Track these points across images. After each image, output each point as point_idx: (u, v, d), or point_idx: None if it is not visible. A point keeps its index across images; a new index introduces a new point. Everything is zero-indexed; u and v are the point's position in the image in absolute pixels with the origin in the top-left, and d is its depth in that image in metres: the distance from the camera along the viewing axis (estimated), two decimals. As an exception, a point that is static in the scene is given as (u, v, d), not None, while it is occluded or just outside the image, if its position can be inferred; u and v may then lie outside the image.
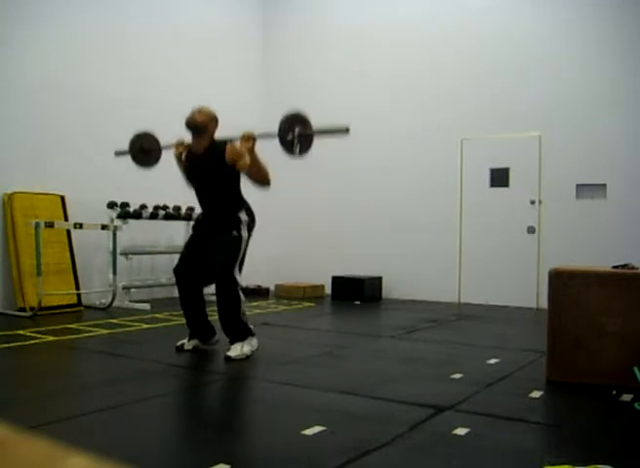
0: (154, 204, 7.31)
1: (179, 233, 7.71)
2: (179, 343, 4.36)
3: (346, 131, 4.15)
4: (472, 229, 7.79)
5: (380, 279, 8.18)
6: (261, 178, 4.18)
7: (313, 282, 8.47)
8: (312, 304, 7.47)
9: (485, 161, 7.71)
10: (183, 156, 4.34)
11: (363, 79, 8.58)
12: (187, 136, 4.30)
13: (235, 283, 4.07)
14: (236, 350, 4.07)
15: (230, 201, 4.22)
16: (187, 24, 8.22)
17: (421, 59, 8.17)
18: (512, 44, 7.56)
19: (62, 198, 6.66)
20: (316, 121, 4.21)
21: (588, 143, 7.10)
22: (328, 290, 8.34)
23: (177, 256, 7.72)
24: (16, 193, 6.24)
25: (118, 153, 5.06)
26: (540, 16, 7.43)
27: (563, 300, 3.55)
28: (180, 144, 4.37)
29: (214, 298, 4.17)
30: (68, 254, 6.57)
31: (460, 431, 2.60)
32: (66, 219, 6.54)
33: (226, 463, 2.20)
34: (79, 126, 6.89)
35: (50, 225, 6.08)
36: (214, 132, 4.23)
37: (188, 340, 4.37)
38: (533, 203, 7.40)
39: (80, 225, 6.38)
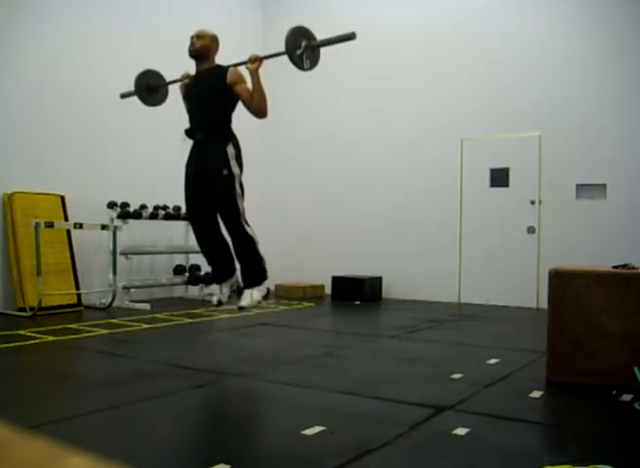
0: (154, 204, 7.31)
1: (179, 233, 7.71)
2: (214, 300, 4.27)
3: (353, 37, 4.13)
4: (472, 229, 7.78)
5: (380, 279, 8.18)
6: (260, 105, 4.09)
7: (313, 282, 8.47)
8: (312, 304, 7.47)
9: (485, 161, 7.71)
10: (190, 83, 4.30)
11: (363, 79, 8.58)
12: (191, 70, 4.26)
13: (243, 227, 4.07)
14: (247, 299, 4.09)
15: (220, 126, 4.13)
16: (188, 24, 8.20)
17: (422, 60, 8.17)
18: (512, 44, 7.56)
19: (62, 198, 6.66)
20: (314, 119, 4.21)
21: (588, 143, 7.10)
22: (328, 290, 8.34)
23: (177, 256, 7.78)
24: (16, 193, 6.24)
25: (124, 95, 4.92)
26: (540, 16, 7.43)
27: (563, 300, 3.55)
28: (186, 77, 4.33)
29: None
30: (68, 254, 6.57)
31: (460, 431, 2.60)
32: (66, 219, 6.54)
33: (226, 463, 2.20)
34: (79, 126, 6.89)
35: (50, 225, 6.08)
36: (216, 52, 4.25)
37: (220, 291, 4.30)
38: (533, 203, 7.40)
39: (80, 225, 6.37)
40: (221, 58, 4.34)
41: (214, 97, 4.11)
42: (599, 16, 7.10)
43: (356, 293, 7.82)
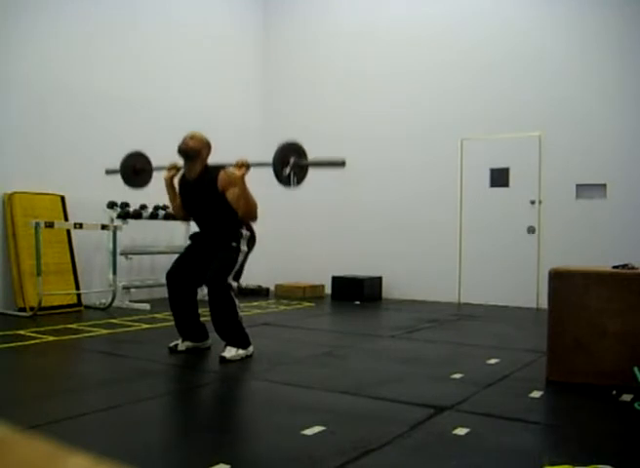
0: (154, 204, 7.31)
1: (179, 233, 7.70)
2: (172, 344, 4.31)
3: (342, 164, 4.14)
4: (472, 229, 7.78)
5: (379, 279, 8.18)
6: (247, 212, 4.09)
7: (313, 282, 8.47)
8: (312, 304, 7.47)
9: (485, 161, 7.71)
10: (175, 181, 4.33)
11: (363, 79, 8.58)
12: (180, 161, 4.28)
13: (228, 287, 4.01)
14: (231, 351, 4.04)
15: (229, 223, 4.16)
16: (188, 25, 8.21)
17: (421, 60, 8.17)
18: (512, 44, 7.55)
19: (62, 198, 6.66)
20: (316, 120, 4.21)
21: (588, 143, 7.10)
22: (328, 290, 8.34)
23: (177, 257, 7.76)
24: (16, 193, 6.24)
25: (109, 171, 4.94)
26: (540, 16, 7.42)
27: (563, 300, 3.55)
28: (172, 167, 4.36)
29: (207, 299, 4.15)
30: (68, 254, 6.57)
31: (460, 431, 2.60)
32: (66, 219, 6.54)
33: (226, 463, 2.20)
34: (79, 126, 6.89)
35: (50, 225, 6.08)
36: (206, 157, 4.20)
37: (182, 341, 4.32)
38: (533, 203, 7.40)
39: (80, 225, 6.37)
40: (221, 63, 4.35)
41: (212, 203, 4.12)
42: (599, 16, 7.10)
43: (356, 293, 7.82)
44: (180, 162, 4.29)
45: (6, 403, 3.06)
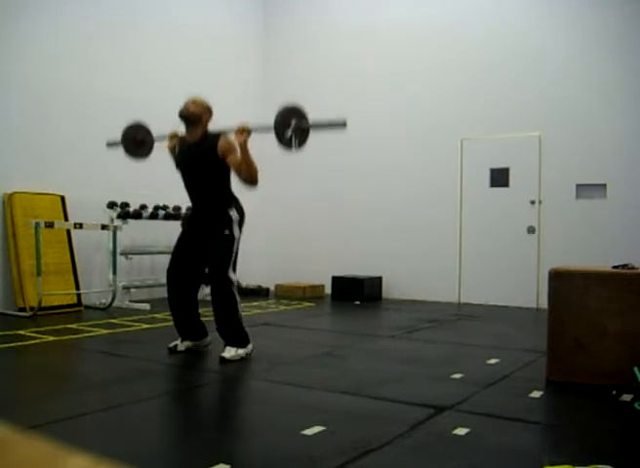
0: (154, 204, 7.31)
1: (178, 233, 7.70)
2: (171, 344, 4.31)
3: (343, 125, 4.11)
4: (472, 229, 7.78)
5: (380, 279, 8.18)
6: (249, 176, 4.05)
7: (313, 282, 8.47)
8: (312, 304, 7.47)
9: (485, 161, 7.71)
10: (177, 147, 4.30)
11: (363, 79, 8.58)
12: (182, 128, 4.27)
13: (230, 282, 4.02)
14: (231, 351, 4.04)
15: (219, 195, 4.15)
16: (188, 25, 8.21)
17: (421, 60, 8.17)
18: (512, 44, 7.55)
19: (62, 198, 6.66)
20: (316, 118, 4.20)
21: (588, 143, 7.10)
22: (328, 290, 8.34)
23: (177, 256, 7.76)
24: (16, 193, 6.24)
25: (110, 144, 4.95)
26: (540, 16, 7.42)
27: (563, 300, 3.55)
28: (173, 136, 4.34)
29: (208, 299, 4.14)
30: (68, 254, 6.57)
31: (460, 431, 2.60)
32: (66, 219, 6.54)
33: (226, 463, 2.20)
34: (79, 126, 6.89)
35: (50, 225, 6.08)
36: (207, 122, 4.19)
37: (181, 341, 4.32)
38: (533, 203, 7.40)
39: (80, 225, 6.37)
40: (221, 63, 4.34)
41: (207, 169, 4.10)
42: (599, 16, 7.10)
43: (356, 293, 7.82)
44: (181, 129, 4.27)
45: (6, 403, 3.06)
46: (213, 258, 4.06)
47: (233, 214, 4.13)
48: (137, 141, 4.74)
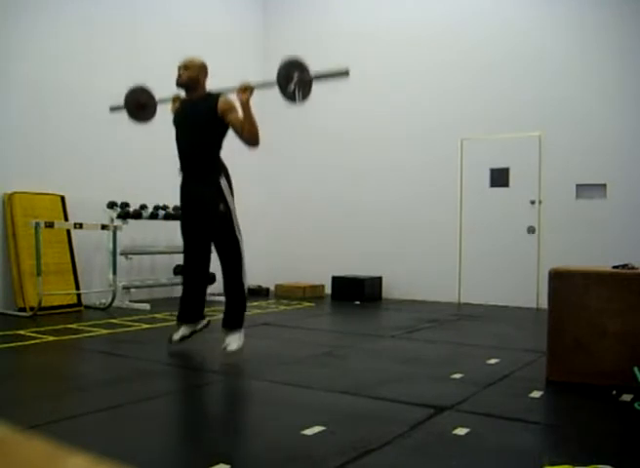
0: (154, 204, 7.31)
1: (179, 233, 7.69)
2: (170, 337, 4.34)
3: (346, 73, 4.09)
4: (472, 229, 7.78)
5: (380, 279, 8.18)
6: (251, 135, 4.02)
7: (313, 282, 8.47)
8: (312, 304, 7.47)
9: (485, 161, 7.71)
10: (179, 108, 4.30)
11: (362, 79, 8.57)
12: (182, 93, 4.28)
13: (237, 241, 4.09)
14: (235, 342, 4.08)
15: (210, 159, 4.11)
16: (188, 25, 8.21)
17: (421, 59, 8.17)
18: (512, 44, 7.55)
19: (62, 198, 6.66)
20: (316, 120, 4.20)
21: (588, 143, 7.10)
22: (328, 290, 8.34)
23: (177, 256, 7.77)
24: (16, 193, 6.24)
25: (113, 108, 4.93)
26: (540, 16, 7.42)
27: (563, 300, 3.55)
28: (176, 99, 4.34)
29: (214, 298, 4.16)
30: (68, 254, 6.57)
31: (460, 431, 2.60)
32: (66, 219, 6.54)
33: (226, 463, 2.20)
34: (79, 126, 6.89)
35: (50, 225, 6.08)
36: (205, 80, 4.21)
37: (178, 327, 4.35)
38: (533, 203, 7.40)
39: (80, 225, 6.37)
40: (221, 61, 4.35)
41: (204, 126, 4.07)
42: (599, 16, 7.10)
43: (356, 293, 7.82)
44: (182, 93, 4.29)
45: (6, 403, 3.06)
46: (219, 239, 4.10)
47: (223, 182, 4.09)
48: (139, 105, 4.74)
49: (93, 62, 7.03)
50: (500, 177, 7.63)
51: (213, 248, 4.23)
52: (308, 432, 2.55)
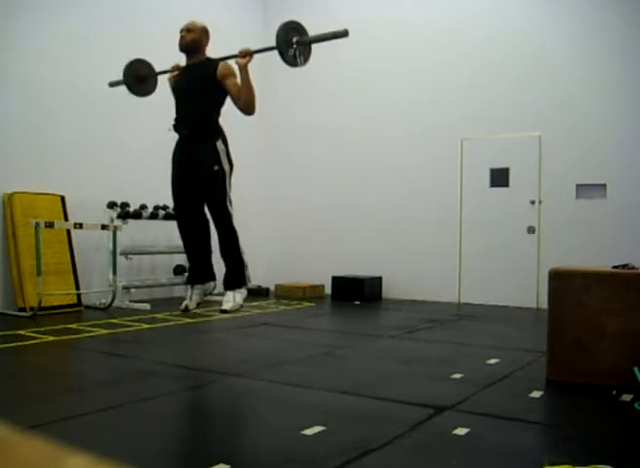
0: (154, 204, 7.31)
1: (178, 233, 7.70)
2: (182, 305, 4.18)
3: (345, 34, 4.07)
4: (472, 229, 7.78)
5: (380, 279, 8.18)
6: (248, 100, 4.01)
7: (313, 282, 8.47)
8: (312, 304, 7.47)
9: (485, 161, 7.71)
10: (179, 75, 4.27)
11: (362, 79, 8.58)
12: (183, 60, 4.26)
13: (229, 216, 4.02)
14: (229, 302, 4.01)
15: (208, 122, 4.08)
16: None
17: (421, 59, 8.17)
18: (512, 44, 7.55)
19: (62, 198, 6.66)
20: (315, 120, 4.20)
21: (588, 143, 7.10)
22: (328, 290, 8.34)
23: (177, 256, 7.77)
24: (16, 193, 6.24)
25: (112, 83, 4.84)
26: (540, 16, 7.42)
27: (563, 300, 3.55)
28: (176, 68, 4.29)
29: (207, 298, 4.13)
30: (68, 254, 6.57)
31: (460, 431, 2.60)
32: (66, 219, 6.54)
33: (226, 463, 2.20)
34: (79, 125, 6.89)
35: (50, 225, 6.08)
36: (207, 45, 4.24)
37: (190, 297, 4.21)
38: (533, 203, 7.40)
39: (80, 225, 6.37)
40: (218, 56, 4.33)
41: (203, 90, 4.06)
42: (599, 16, 7.10)
43: (356, 293, 7.82)
44: (182, 62, 4.26)
45: (6, 403, 3.06)
46: (210, 199, 4.04)
47: (220, 145, 4.06)
48: (139, 77, 4.67)
49: (93, 62, 7.02)
50: (499, 177, 7.63)
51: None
52: (308, 432, 2.55)
